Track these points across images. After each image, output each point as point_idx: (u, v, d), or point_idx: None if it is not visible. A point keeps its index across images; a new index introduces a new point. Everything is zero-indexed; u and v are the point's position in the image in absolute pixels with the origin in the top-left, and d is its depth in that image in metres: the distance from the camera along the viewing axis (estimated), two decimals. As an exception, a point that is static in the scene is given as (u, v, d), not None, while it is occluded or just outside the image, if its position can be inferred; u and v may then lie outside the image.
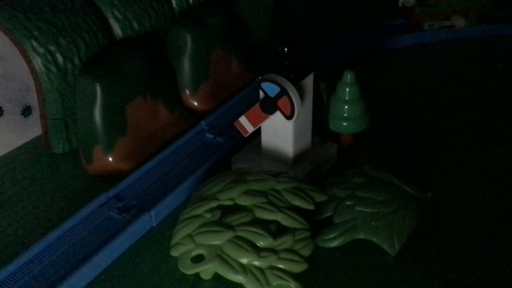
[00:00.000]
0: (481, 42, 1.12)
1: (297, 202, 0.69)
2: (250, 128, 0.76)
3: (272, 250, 0.65)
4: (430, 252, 0.69)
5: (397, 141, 0.87)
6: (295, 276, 0.64)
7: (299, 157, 0.79)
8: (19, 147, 0.87)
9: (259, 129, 0.78)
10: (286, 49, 0.73)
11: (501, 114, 0.93)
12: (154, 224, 0.73)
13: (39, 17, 0.80)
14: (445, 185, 0.79)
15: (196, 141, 0.85)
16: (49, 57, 0.80)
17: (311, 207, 0.70)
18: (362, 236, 0.69)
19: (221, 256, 0.65)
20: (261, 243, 0.65)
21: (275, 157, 0.79)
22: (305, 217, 0.68)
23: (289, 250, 0.66)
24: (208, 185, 0.71)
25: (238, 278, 0.64)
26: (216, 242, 0.66)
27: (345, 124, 0.81)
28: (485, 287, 0.65)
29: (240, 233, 0.65)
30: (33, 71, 0.81)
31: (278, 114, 0.74)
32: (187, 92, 0.92)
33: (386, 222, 0.69)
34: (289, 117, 0.73)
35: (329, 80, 0.83)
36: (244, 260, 0.64)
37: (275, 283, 0.64)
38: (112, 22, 0.87)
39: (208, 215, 0.68)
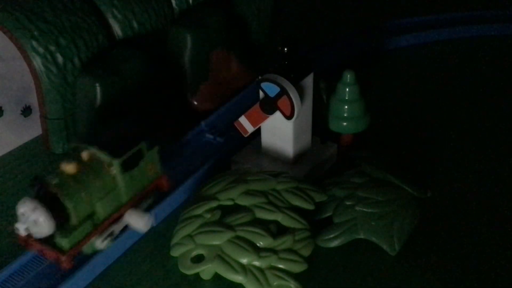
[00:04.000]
0: (481, 42, 1.12)
1: (297, 202, 0.69)
2: (250, 128, 0.76)
3: (272, 250, 0.65)
4: (430, 252, 0.69)
5: (397, 141, 0.87)
6: (295, 276, 0.64)
7: (299, 157, 0.79)
8: (19, 147, 0.87)
9: (259, 129, 0.78)
10: (286, 49, 0.73)
11: (501, 114, 0.93)
12: (154, 224, 0.73)
13: (39, 17, 0.80)
14: (445, 185, 0.79)
15: (196, 141, 0.85)
16: (49, 57, 0.80)
17: (311, 207, 0.70)
18: (362, 236, 0.69)
19: (221, 256, 0.65)
20: (261, 243, 0.65)
21: (275, 157, 0.79)
22: (305, 217, 0.68)
23: (289, 250, 0.66)
24: (208, 185, 0.71)
25: (238, 278, 0.64)
26: (216, 242, 0.65)
27: (345, 124, 0.81)
28: (485, 287, 0.65)
29: (240, 233, 0.65)
30: (33, 71, 0.81)
31: (278, 114, 0.74)
32: (187, 92, 0.91)
33: (386, 222, 0.69)
34: (289, 117, 0.73)
35: (329, 80, 0.83)
36: (244, 260, 0.64)
37: (275, 283, 0.64)
38: (112, 22, 0.87)
39: (208, 215, 0.68)
